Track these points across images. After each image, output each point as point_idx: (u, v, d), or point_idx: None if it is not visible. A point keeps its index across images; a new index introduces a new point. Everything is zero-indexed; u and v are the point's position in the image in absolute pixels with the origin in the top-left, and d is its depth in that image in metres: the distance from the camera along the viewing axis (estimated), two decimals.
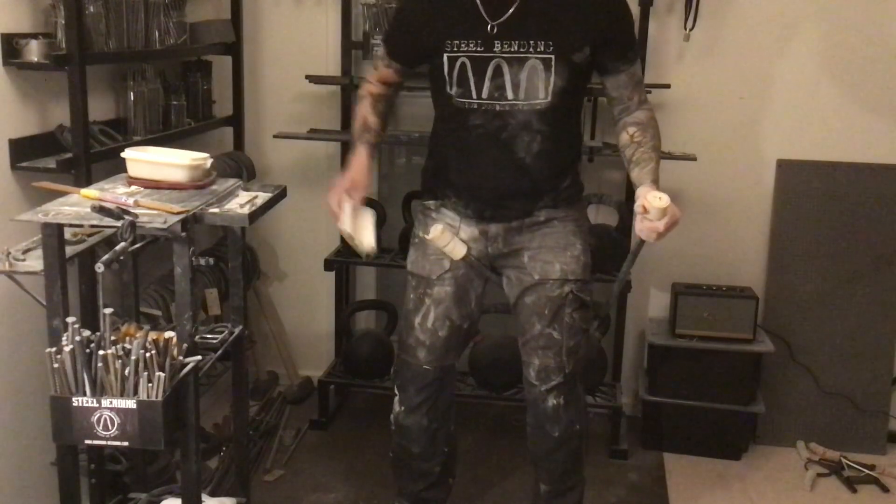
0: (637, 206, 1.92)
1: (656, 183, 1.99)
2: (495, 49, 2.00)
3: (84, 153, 2.23)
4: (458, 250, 2.20)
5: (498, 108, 2.04)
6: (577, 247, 2.18)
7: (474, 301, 2.29)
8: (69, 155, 2.24)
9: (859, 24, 2.99)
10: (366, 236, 2.10)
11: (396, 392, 2.35)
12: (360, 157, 2.16)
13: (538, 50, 1.99)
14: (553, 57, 1.99)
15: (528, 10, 1.99)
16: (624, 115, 2.10)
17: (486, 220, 2.18)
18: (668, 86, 3.03)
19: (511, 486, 2.86)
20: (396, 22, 2.26)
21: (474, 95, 2.05)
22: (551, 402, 2.21)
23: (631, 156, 2.06)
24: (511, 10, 1.99)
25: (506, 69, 2.01)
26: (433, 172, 2.25)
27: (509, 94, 2.03)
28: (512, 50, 2.00)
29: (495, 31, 2.00)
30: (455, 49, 2.03)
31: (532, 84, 2.01)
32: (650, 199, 1.88)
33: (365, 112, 2.23)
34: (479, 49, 2.02)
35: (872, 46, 3.00)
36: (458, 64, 2.04)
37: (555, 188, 2.13)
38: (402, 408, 2.32)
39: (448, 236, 2.17)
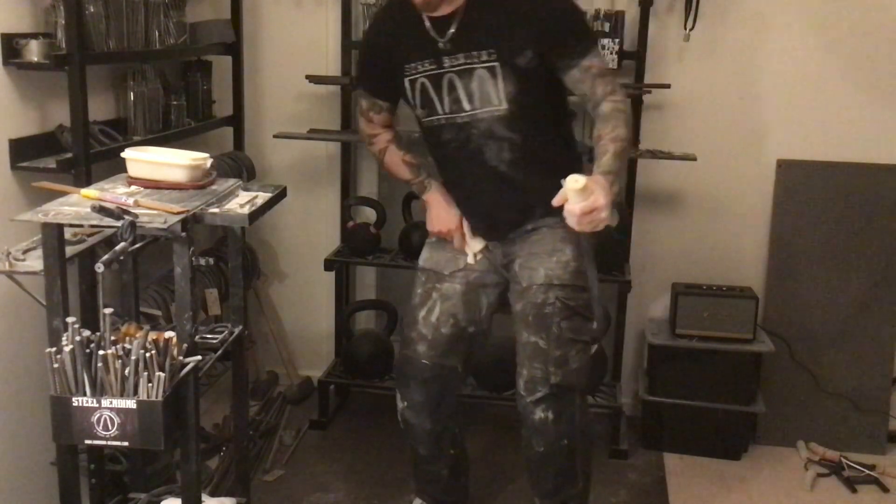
0: (557, 199, 1.80)
1: (606, 174, 1.85)
2: (445, 65, 2.05)
3: (84, 153, 2.23)
4: (474, 244, 2.25)
5: (459, 120, 2.09)
6: (565, 252, 2.14)
7: (485, 308, 2.28)
8: (69, 155, 2.24)
9: (859, 25, 2.99)
10: (477, 244, 2.27)
11: (397, 390, 2.34)
12: (438, 195, 2.28)
13: (482, 59, 2.02)
14: (497, 64, 2.01)
15: (471, 23, 2.02)
16: (594, 113, 2.04)
17: (482, 235, 2.25)
18: (668, 86, 3.02)
19: (513, 487, 2.86)
20: (365, 64, 2.30)
21: (438, 111, 2.11)
22: (538, 414, 2.16)
23: (595, 151, 1.99)
24: (455, 26, 2.03)
25: (457, 82, 2.05)
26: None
27: (466, 106, 2.07)
28: (459, 63, 2.04)
29: (446, 47, 2.04)
30: (413, 72, 2.10)
31: (484, 93, 2.04)
32: (566, 183, 1.76)
33: (399, 158, 2.30)
34: (432, 67, 2.07)
35: (872, 46, 3.00)
36: (418, 85, 2.10)
37: (546, 200, 1.94)
38: (405, 403, 2.32)
39: (466, 227, 2.25)
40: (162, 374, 1.63)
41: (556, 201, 1.79)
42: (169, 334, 1.68)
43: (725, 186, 3.18)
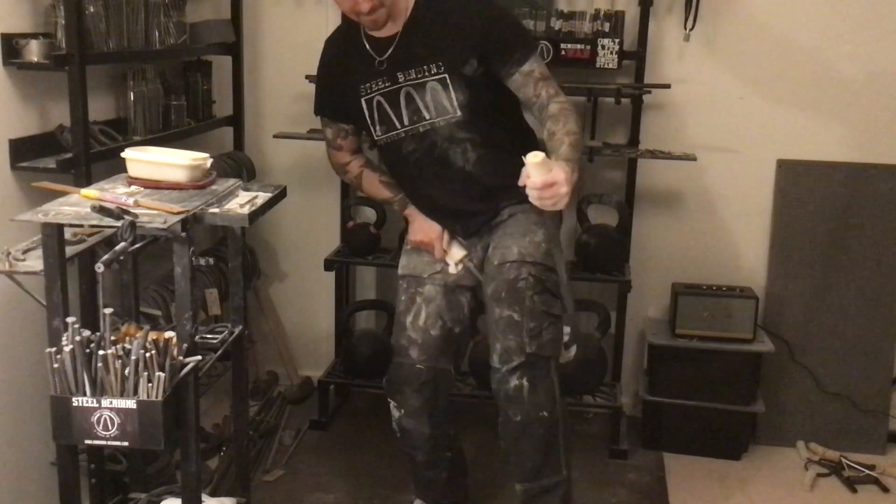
0: (521, 179, 1.84)
1: (567, 161, 1.89)
2: (400, 80, 2.14)
3: (84, 153, 2.23)
4: (454, 253, 2.29)
5: (421, 129, 2.17)
6: (538, 234, 2.20)
7: (466, 307, 2.33)
8: (69, 155, 2.24)
9: (859, 24, 2.99)
10: (458, 253, 2.31)
11: (390, 399, 2.34)
12: (416, 213, 2.34)
13: (432, 72, 2.12)
14: (446, 75, 2.11)
15: (411, 40, 2.12)
16: (542, 115, 2.09)
17: (460, 234, 2.30)
18: (668, 86, 3.02)
19: (511, 486, 2.85)
20: (322, 93, 2.34)
21: (397, 126, 2.18)
22: (513, 382, 2.15)
23: (549, 146, 2.02)
24: (394, 43, 2.12)
25: (414, 94, 2.14)
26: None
27: (425, 115, 2.15)
28: (412, 77, 2.14)
29: (385, 65, 2.15)
30: (368, 91, 2.19)
31: (439, 102, 2.13)
32: (526, 159, 1.81)
33: (376, 180, 2.38)
34: (387, 84, 2.16)
35: (872, 46, 3.00)
36: (374, 104, 2.19)
37: (513, 191, 1.99)
38: (402, 411, 2.32)
39: (446, 238, 2.30)
40: (162, 374, 1.63)
41: (520, 181, 1.84)
42: (169, 334, 1.68)
43: (725, 186, 3.18)
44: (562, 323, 2.22)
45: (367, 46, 2.17)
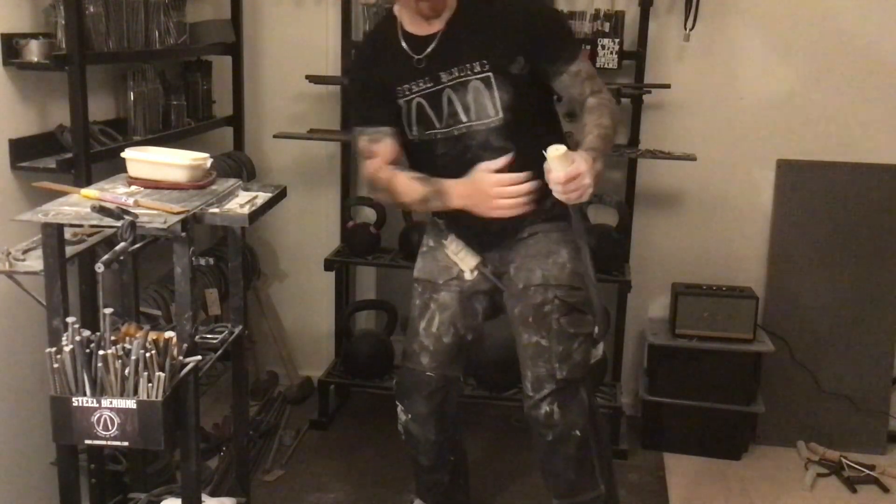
0: (545, 173, 1.84)
1: (591, 150, 1.90)
2: (443, 80, 2.06)
3: (84, 153, 2.23)
4: (468, 260, 2.23)
5: (456, 132, 2.09)
6: (561, 254, 2.15)
7: (480, 314, 2.28)
8: (69, 155, 2.24)
9: (859, 24, 2.99)
10: (472, 260, 2.23)
11: (398, 403, 2.33)
12: (451, 182, 2.04)
13: (475, 71, 2.04)
14: (491, 74, 2.03)
15: (456, 37, 2.04)
16: (580, 108, 2.08)
17: (477, 248, 2.23)
18: (668, 86, 3.03)
19: (512, 487, 2.86)
20: (357, 99, 2.21)
21: (436, 126, 2.10)
22: (544, 408, 2.14)
23: (580, 138, 2.01)
24: (436, 40, 2.04)
25: (453, 96, 2.06)
26: None
27: (462, 118, 2.08)
28: (453, 77, 2.05)
29: (424, 64, 2.06)
30: (406, 93, 2.09)
31: (480, 104, 2.06)
32: (548, 152, 1.80)
33: (406, 179, 2.10)
34: (429, 85, 2.07)
35: (872, 46, 3.00)
36: (413, 105, 2.10)
37: (538, 207, 2.02)
38: (409, 416, 2.30)
39: (461, 244, 2.23)
40: (162, 374, 1.63)
41: (545, 176, 1.84)
42: (169, 334, 1.68)
43: (725, 186, 3.18)
44: (592, 338, 2.19)
45: (405, 45, 2.08)
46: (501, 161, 1.96)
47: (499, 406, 3.23)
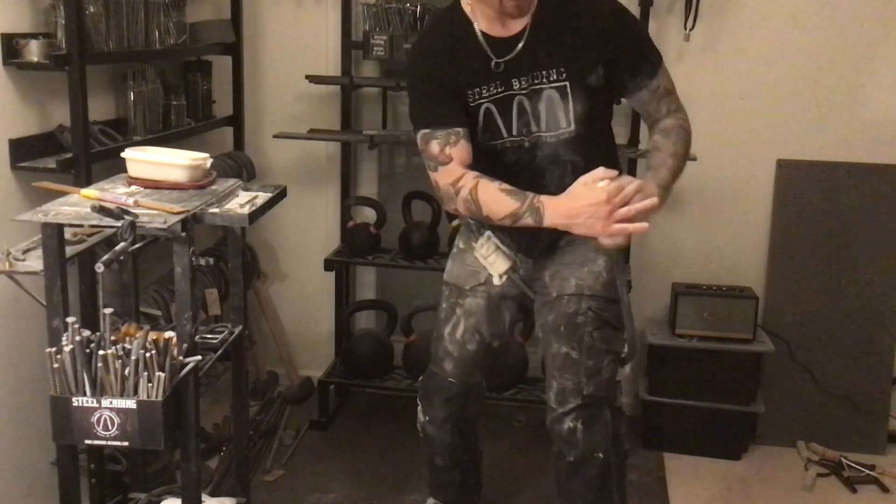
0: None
1: (662, 188, 1.87)
2: (514, 87, 1.94)
3: (84, 153, 2.23)
4: (498, 265, 2.16)
5: (526, 143, 1.99)
6: (597, 263, 2.07)
7: (508, 321, 2.23)
8: (69, 155, 2.24)
9: (859, 24, 2.99)
10: (503, 265, 2.16)
11: (419, 402, 2.32)
12: (553, 198, 1.87)
13: (551, 79, 1.92)
14: (567, 83, 1.92)
15: (536, 42, 1.92)
16: (654, 125, 2.00)
17: (522, 253, 2.16)
18: None
19: (511, 487, 2.86)
20: (424, 97, 2.01)
21: (504, 135, 1.99)
22: (567, 424, 2.07)
23: (649, 162, 1.95)
24: (520, 46, 1.92)
25: (526, 104, 1.95)
26: None
27: (534, 128, 1.97)
28: (527, 84, 1.94)
29: (502, 67, 1.93)
30: (476, 97, 1.97)
31: (552, 115, 1.95)
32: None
33: (495, 189, 1.90)
34: (500, 90, 1.95)
35: (872, 46, 3.00)
36: (482, 111, 1.98)
37: None
38: (427, 418, 2.29)
39: (491, 248, 2.16)
40: (162, 374, 1.63)
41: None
42: (169, 334, 1.68)
43: (725, 186, 3.18)
44: (621, 358, 2.13)
45: (485, 46, 1.94)
46: (612, 172, 1.78)
47: (499, 406, 3.23)
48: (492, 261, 2.16)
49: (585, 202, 1.78)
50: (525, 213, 1.86)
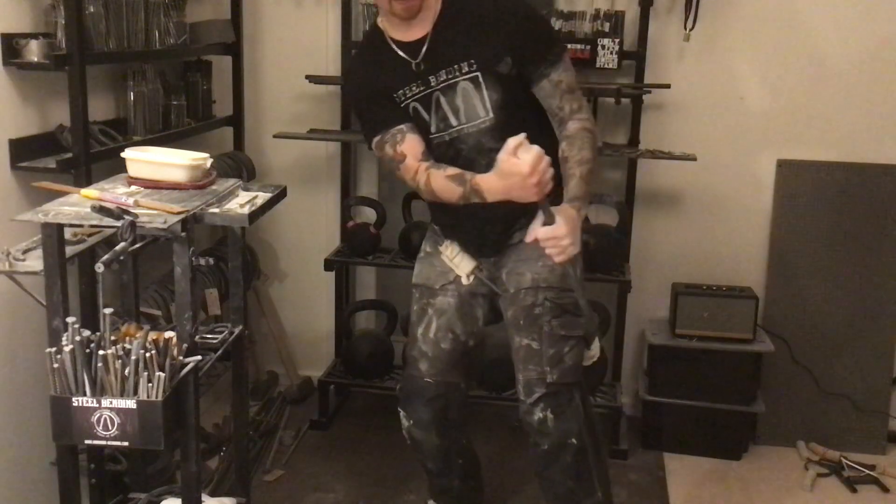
0: (528, 236, 1.85)
1: (575, 200, 1.90)
2: (432, 84, 2.03)
3: (84, 153, 2.23)
4: (464, 265, 2.22)
5: (447, 137, 2.06)
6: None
7: (481, 319, 2.27)
8: (69, 155, 2.24)
9: (859, 24, 2.99)
10: (468, 265, 2.21)
11: (400, 409, 2.32)
12: (485, 175, 1.95)
13: (463, 71, 2.00)
14: (479, 73, 2.00)
15: (442, 38, 2.01)
16: (560, 130, 2.02)
17: (473, 254, 2.21)
18: (668, 86, 3.03)
19: (510, 487, 2.86)
20: (365, 107, 2.13)
21: (432, 130, 2.06)
22: (537, 414, 2.14)
23: (563, 174, 1.97)
24: (426, 45, 2.01)
25: (442, 100, 2.03)
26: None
27: (453, 122, 2.04)
28: (442, 79, 2.02)
29: (422, 68, 2.02)
30: (403, 98, 2.06)
31: (470, 106, 2.02)
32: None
33: (442, 176, 2.01)
34: (421, 89, 2.04)
35: (872, 46, 3.00)
36: (410, 110, 2.06)
37: (528, 211, 1.93)
38: (411, 422, 2.30)
39: (456, 249, 2.22)
40: (162, 374, 1.63)
41: (528, 238, 1.85)
42: (169, 334, 1.68)
43: (725, 186, 3.18)
44: (584, 342, 2.17)
45: (399, 51, 2.04)
46: (519, 137, 1.82)
47: (499, 406, 3.23)
48: (458, 262, 2.22)
49: (512, 177, 1.85)
50: (470, 195, 1.98)
